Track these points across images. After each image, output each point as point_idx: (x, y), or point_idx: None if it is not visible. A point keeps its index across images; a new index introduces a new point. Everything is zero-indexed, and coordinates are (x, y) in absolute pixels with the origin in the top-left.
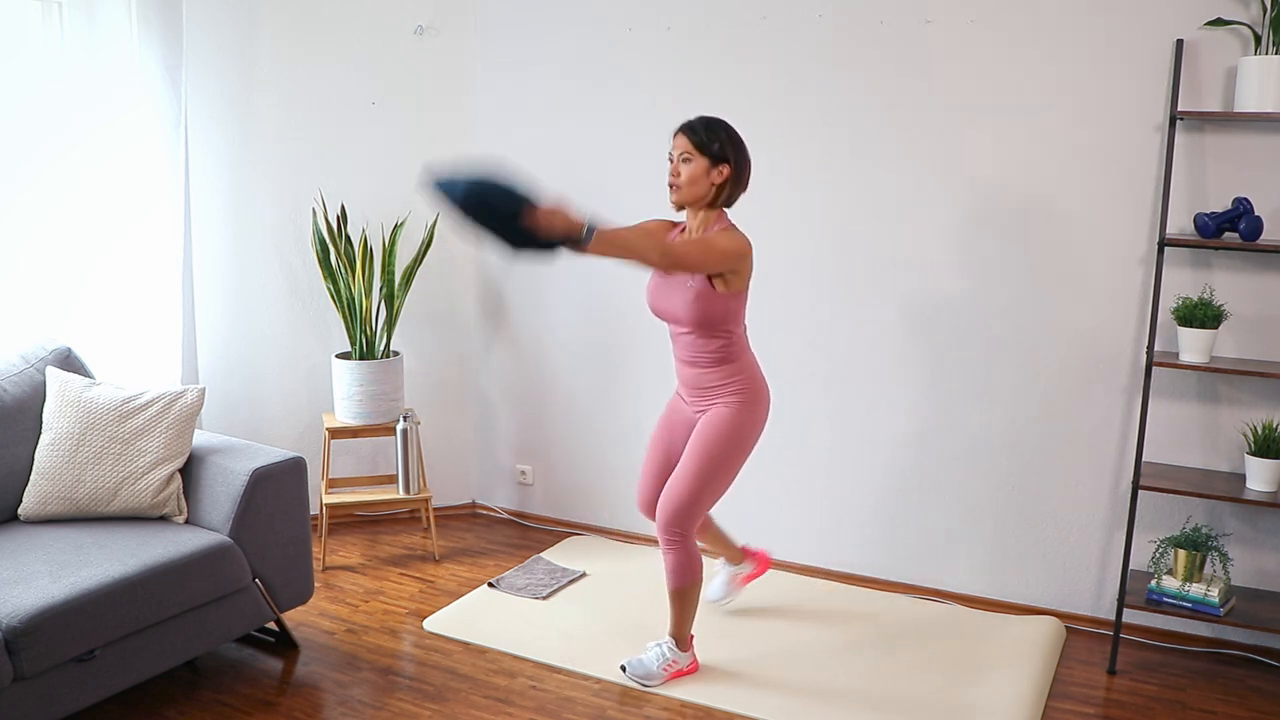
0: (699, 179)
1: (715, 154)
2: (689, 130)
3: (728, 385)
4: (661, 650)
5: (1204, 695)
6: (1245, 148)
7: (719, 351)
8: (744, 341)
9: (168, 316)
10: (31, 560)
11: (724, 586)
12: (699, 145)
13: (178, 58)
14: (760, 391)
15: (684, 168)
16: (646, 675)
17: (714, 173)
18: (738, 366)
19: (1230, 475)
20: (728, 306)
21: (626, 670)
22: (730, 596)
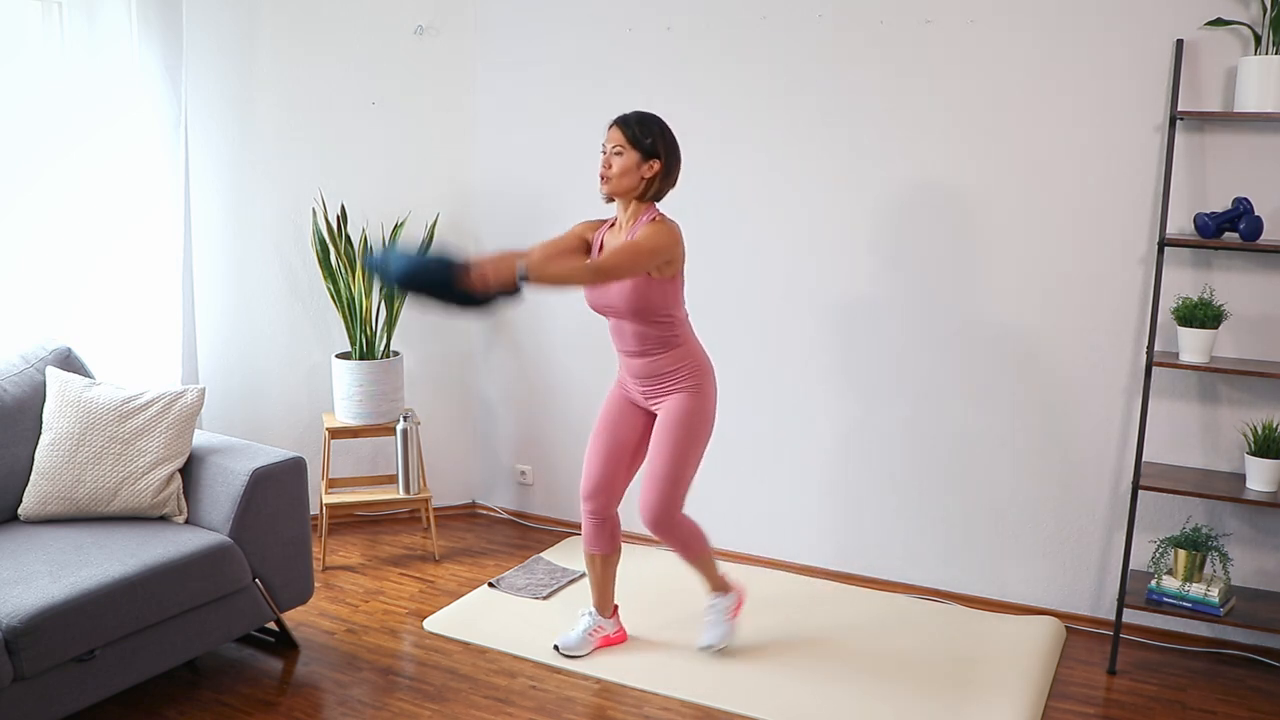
0: (629, 171)
1: (647, 149)
2: (623, 124)
3: (678, 371)
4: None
5: (1204, 695)
6: (1245, 148)
7: (663, 337)
8: (687, 325)
9: (168, 316)
10: (31, 560)
11: (581, 637)
12: (631, 139)
13: (178, 58)
14: (708, 372)
15: (615, 160)
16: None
17: (645, 167)
18: (684, 351)
19: (1230, 475)
20: (664, 291)
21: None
22: (584, 650)
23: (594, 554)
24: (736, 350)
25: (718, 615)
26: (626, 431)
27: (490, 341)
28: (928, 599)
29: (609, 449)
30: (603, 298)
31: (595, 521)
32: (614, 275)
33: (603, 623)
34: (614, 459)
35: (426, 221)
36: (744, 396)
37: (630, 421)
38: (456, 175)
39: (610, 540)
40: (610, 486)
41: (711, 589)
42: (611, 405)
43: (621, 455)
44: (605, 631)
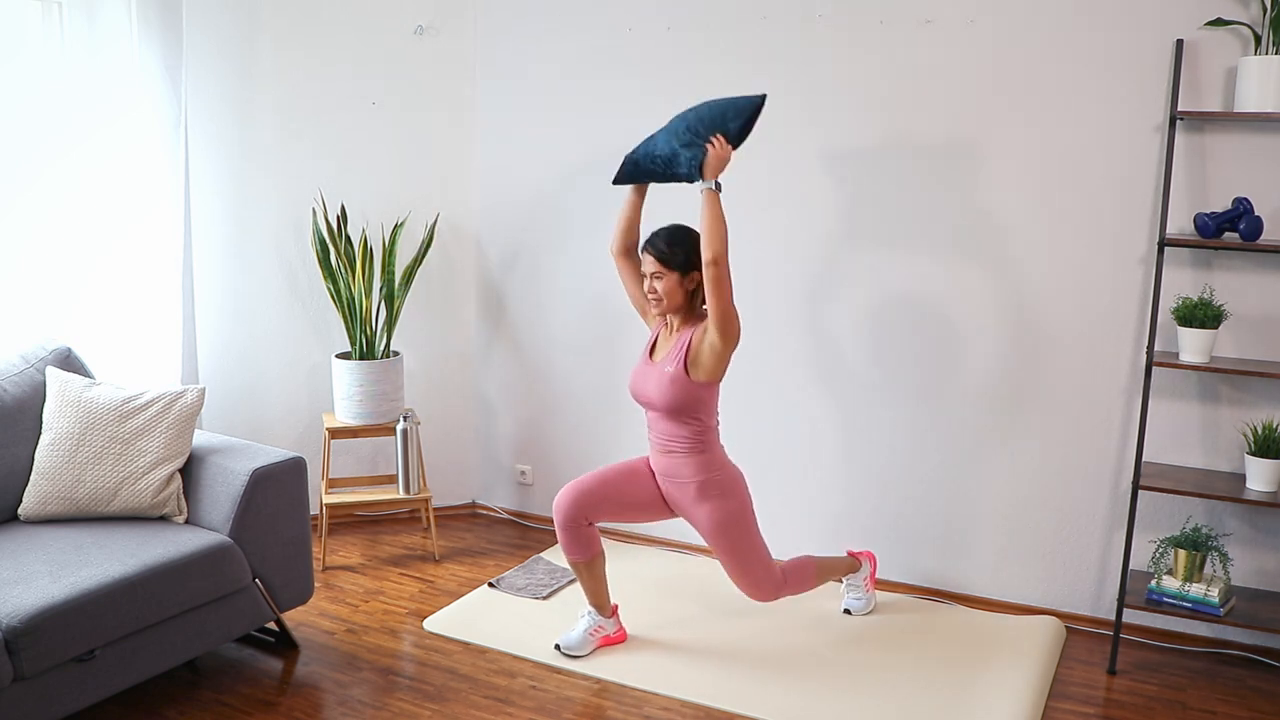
0: (675, 291)
1: (682, 264)
2: (653, 250)
3: (695, 478)
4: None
5: (1204, 695)
6: (1245, 148)
7: (691, 440)
8: (715, 434)
9: (168, 316)
10: (31, 560)
11: (582, 636)
12: (664, 261)
13: (178, 58)
14: (732, 475)
15: (658, 284)
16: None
17: (686, 281)
18: (708, 460)
19: (1230, 475)
20: (700, 395)
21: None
22: (585, 649)
23: (575, 561)
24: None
25: (857, 587)
26: (636, 491)
27: (490, 341)
28: (928, 599)
29: (613, 490)
30: (642, 388)
31: (567, 532)
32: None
33: (603, 622)
34: (610, 499)
35: (426, 222)
36: (744, 396)
37: (645, 488)
38: (456, 175)
39: (587, 547)
40: (588, 512)
41: (844, 575)
42: (638, 466)
43: (618, 502)
44: (605, 631)
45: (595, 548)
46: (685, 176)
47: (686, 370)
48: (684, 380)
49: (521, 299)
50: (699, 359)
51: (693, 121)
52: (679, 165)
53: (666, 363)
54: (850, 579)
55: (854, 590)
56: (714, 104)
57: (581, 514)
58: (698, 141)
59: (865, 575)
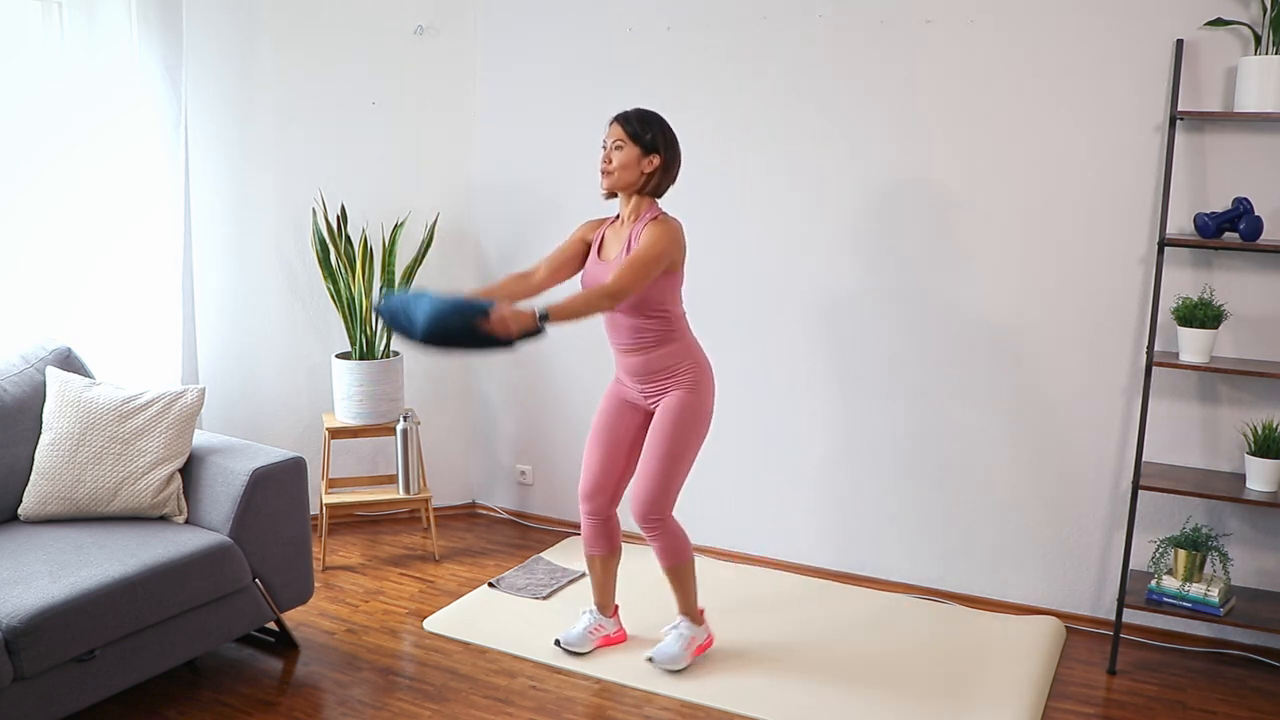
0: (630, 166)
1: (647, 144)
2: (623, 120)
3: (674, 369)
4: (680, 631)
5: (1204, 695)
6: (1245, 148)
7: (659, 332)
8: (683, 322)
9: (168, 316)
10: (31, 560)
11: (583, 634)
12: (632, 135)
13: (178, 58)
14: (706, 370)
15: (616, 155)
16: (674, 659)
17: (645, 161)
18: (681, 347)
19: (1230, 475)
20: (660, 286)
21: (654, 660)
22: (585, 647)
23: (594, 555)
24: (735, 349)
25: (681, 639)
26: (624, 431)
27: None
28: (928, 599)
29: (606, 448)
30: None
31: (594, 522)
32: (629, 292)
33: (603, 622)
34: (611, 458)
35: (426, 222)
36: (742, 396)
37: (627, 421)
38: (456, 175)
39: (609, 541)
40: (608, 486)
41: (682, 610)
42: (609, 404)
43: (619, 455)
44: (605, 631)
45: (617, 543)
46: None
47: None
48: None
49: None
50: None
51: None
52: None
53: (620, 258)
54: (682, 624)
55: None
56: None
57: (609, 500)
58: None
59: (700, 639)
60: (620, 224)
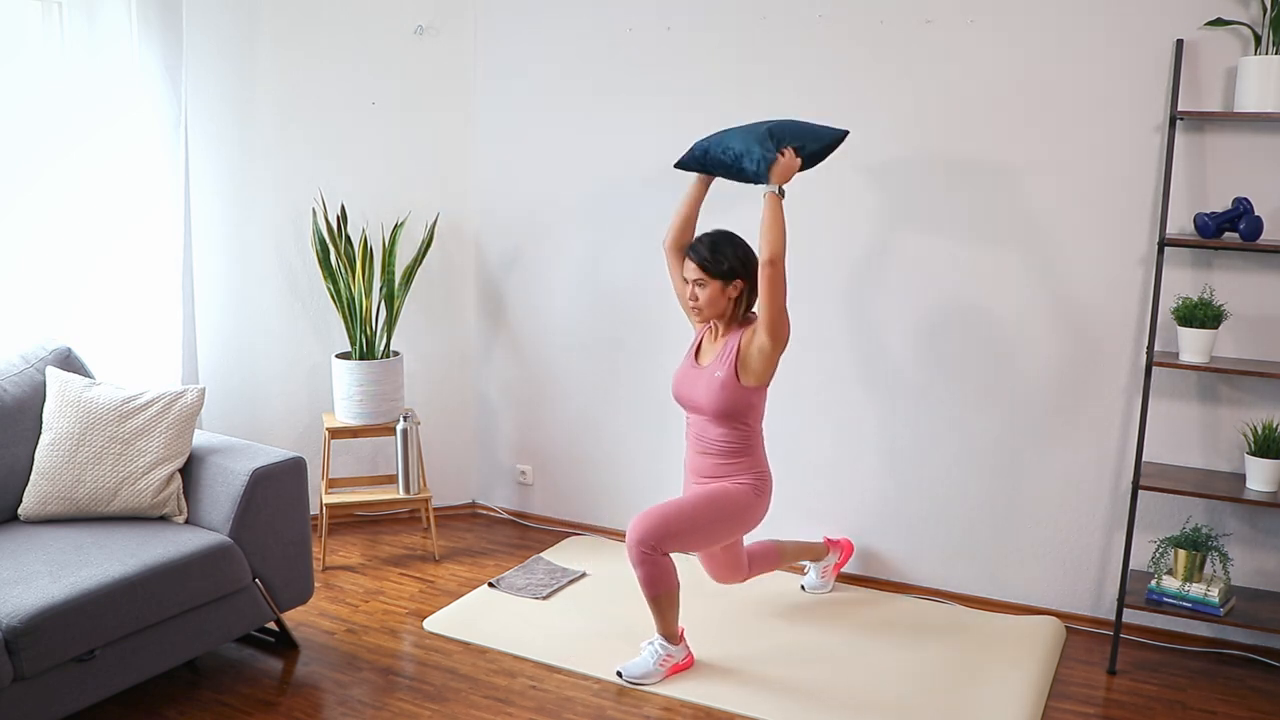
0: (717, 299)
1: (726, 274)
2: (695, 256)
3: (738, 469)
4: (654, 648)
5: (1204, 695)
6: (1245, 148)
7: (734, 444)
8: (759, 437)
9: (168, 316)
10: (31, 560)
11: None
12: (708, 270)
13: (178, 58)
14: (768, 484)
15: (700, 292)
16: (644, 675)
17: (729, 289)
18: (750, 461)
19: (1230, 475)
20: (750, 399)
21: (623, 675)
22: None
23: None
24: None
25: (655, 655)
26: None
27: (490, 341)
28: (928, 599)
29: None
30: (690, 393)
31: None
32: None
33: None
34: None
35: (426, 222)
36: None
37: None
38: (456, 175)
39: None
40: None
41: (661, 632)
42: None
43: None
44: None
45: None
46: (752, 175)
47: (737, 375)
48: (734, 384)
49: (521, 299)
50: (748, 362)
51: (774, 128)
52: (748, 161)
53: (716, 367)
54: (659, 641)
55: (650, 654)
56: (798, 123)
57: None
58: (770, 147)
59: (677, 658)
60: (715, 336)
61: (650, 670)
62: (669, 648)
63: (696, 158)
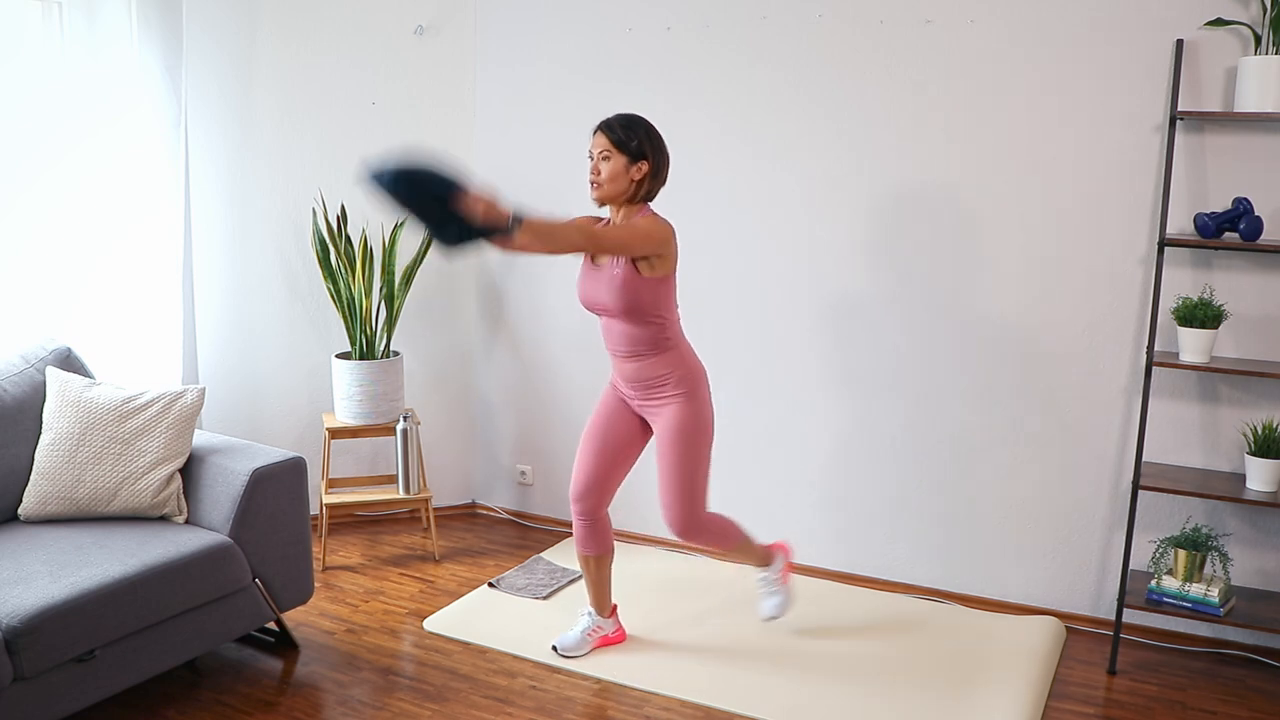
0: (619, 175)
1: (634, 151)
2: (607, 129)
3: (669, 377)
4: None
5: (1204, 695)
6: (1245, 148)
7: (654, 339)
8: (678, 329)
9: (168, 316)
10: (31, 560)
11: (580, 637)
12: (617, 143)
13: (178, 58)
14: (700, 377)
15: (604, 165)
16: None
17: (633, 169)
18: (675, 356)
19: (1230, 475)
20: (655, 291)
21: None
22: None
23: (587, 555)
24: (735, 350)
25: (769, 585)
26: (618, 433)
27: (490, 341)
28: (928, 599)
29: (600, 450)
30: (594, 295)
31: (585, 522)
32: (605, 246)
33: (601, 623)
34: (605, 460)
35: None
36: (743, 396)
37: (622, 423)
38: None
39: (601, 541)
40: (601, 487)
41: (757, 565)
42: (604, 406)
43: (613, 456)
44: (604, 631)
45: (608, 544)
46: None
47: (636, 267)
48: (635, 278)
49: (521, 299)
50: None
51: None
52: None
53: (614, 264)
54: (764, 574)
55: (767, 588)
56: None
57: (600, 500)
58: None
59: (778, 570)
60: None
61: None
62: (772, 567)
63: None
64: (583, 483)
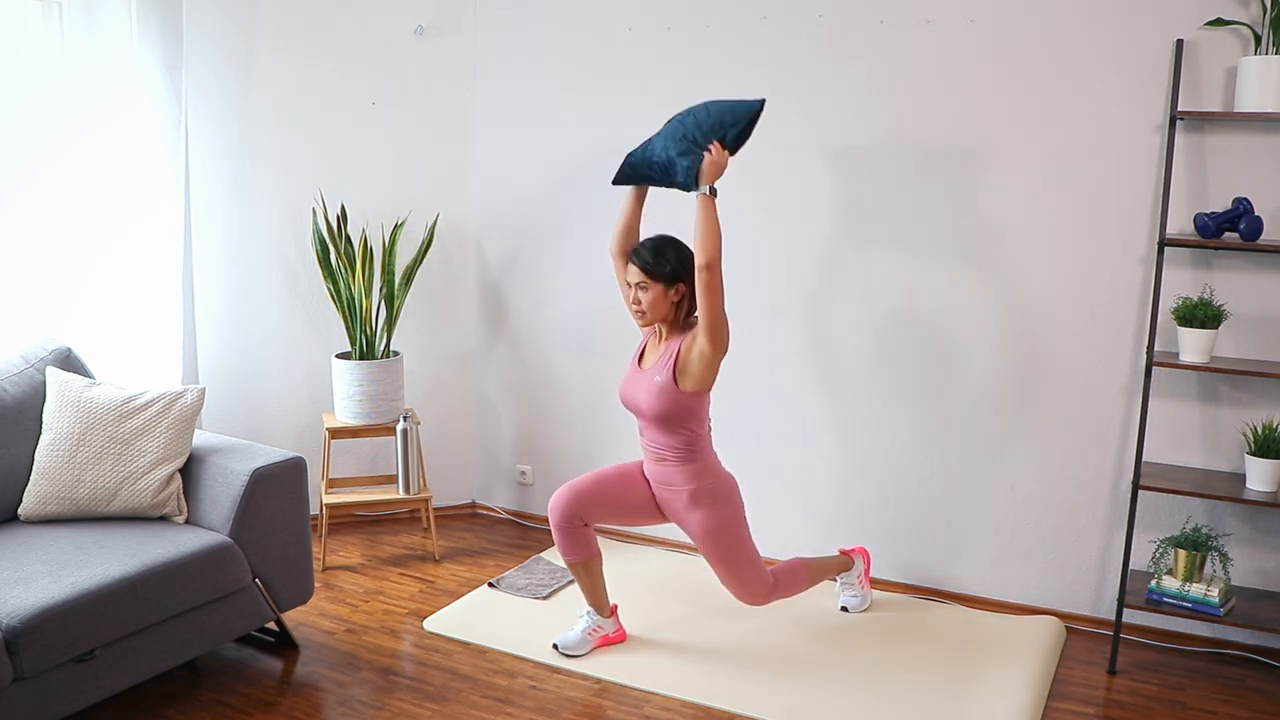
0: (659, 302)
1: (668, 277)
2: (638, 258)
3: (685, 488)
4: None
5: (1204, 695)
6: (1245, 148)
7: (682, 449)
8: (706, 441)
9: (168, 316)
10: (31, 560)
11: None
12: (651, 273)
13: (178, 58)
14: (725, 483)
15: (643, 295)
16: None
17: (670, 293)
18: (700, 468)
19: (1230, 475)
20: (689, 404)
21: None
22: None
23: (573, 561)
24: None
25: (849, 584)
26: (629, 496)
27: (490, 341)
28: (928, 599)
29: (606, 494)
30: (632, 396)
31: (563, 531)
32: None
33: (601, 622)
34: (602, 501)
35: (426, 222)
36: (742, 397)
37: (637, 493)
38: (456, 175)
39: (584, 547)
40: (583, 513)
41: (837, 574)
42: (633, 469)
43: (614, 504)
44: (604, 631)
45: (592, 549)
46: (681, 184)
47: (675, 379)
48: (673, 390)
49: (521, 299)
50: (688, 367)
51: (690, 127)
52: (675, 173)
53: (655, 372)
54: (844, 577)
55: (849, 588)
56: (712, 107)
57: (577, 515)
58: (694, 149)
59: (859, 573)
60: (659, 339)
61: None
62: (852, 571)
63: (627, 174)
64: (568, 498)
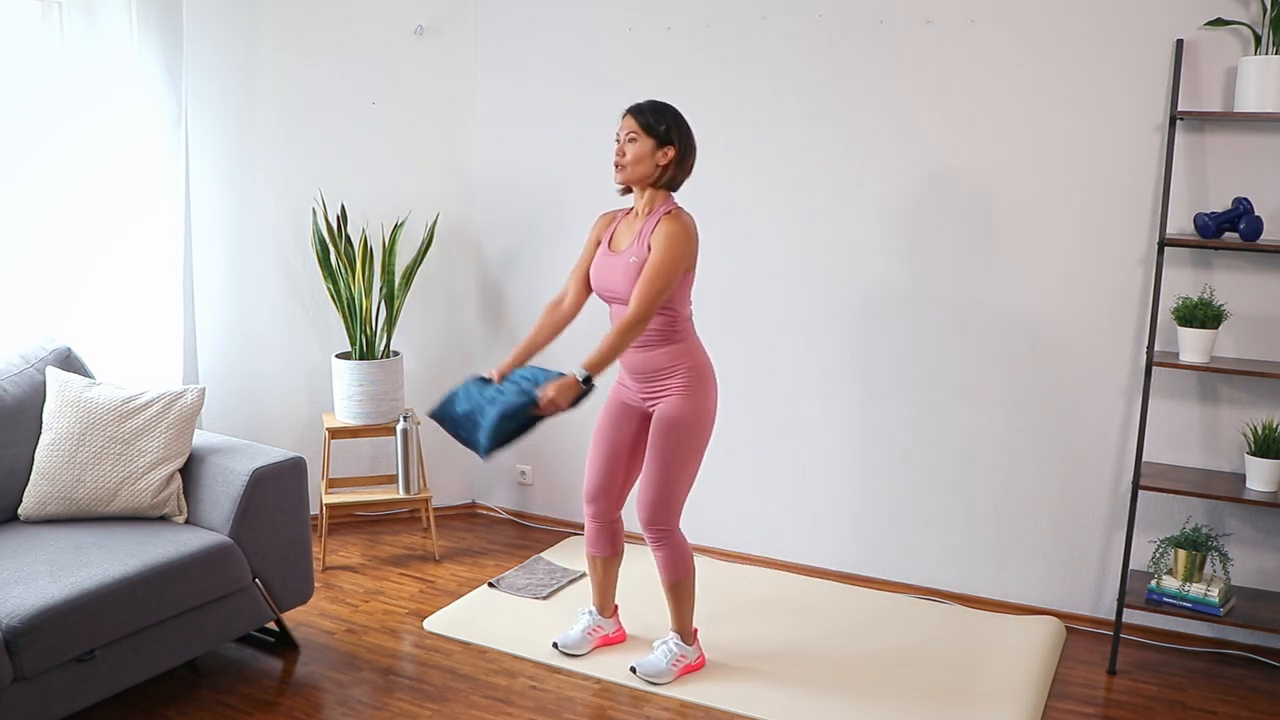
0: (644, 159)
1: (661, 135)
2: (636, 111)
3: (675, 369)
4: (669, 647)
5: (1204, 695)
6: (1245, 148)
7: (663, 331)
8: (689, 323)
9: (168, 316)
10: (31, 560)
11: (581, 636)
12: (645, 126)
13: (178, 58)
14: (707, 374)
15: (630, 147)
16: (657, 674)
17: (659, 154)
18: (684, 348)
19: (1230, 475)
20: None
21: (636, 671)
22: (583, 649)
23: (595, 555)
24: (737, 350)
25: (669, 654)
26: (624, 434)
27: (490, 341)
28: (928, 599)
29: (608, 452)
30: (608, 281)
31: (598, 525)
32: (653, 310)
33: (602, 622)
34: (613, 462)
35: (426, 222)
36: (745, 396)
37: (628, 424)
38: (457, 175)
39: (611, 543)
40: (610, 489)
41: (675, 627)
42: (610, 407)
43: (620, 458)
44: (605, 631)
45: (618, 546)
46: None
47: None
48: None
49: (522, 299)
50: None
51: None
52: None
53: (630, 252)
54: (673, 640)
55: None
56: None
57: (612, 502)
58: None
59: (690, 659)
60: (634, 217)
61: (662, 670)
62: (683, 647)
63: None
64: (594, 486)
